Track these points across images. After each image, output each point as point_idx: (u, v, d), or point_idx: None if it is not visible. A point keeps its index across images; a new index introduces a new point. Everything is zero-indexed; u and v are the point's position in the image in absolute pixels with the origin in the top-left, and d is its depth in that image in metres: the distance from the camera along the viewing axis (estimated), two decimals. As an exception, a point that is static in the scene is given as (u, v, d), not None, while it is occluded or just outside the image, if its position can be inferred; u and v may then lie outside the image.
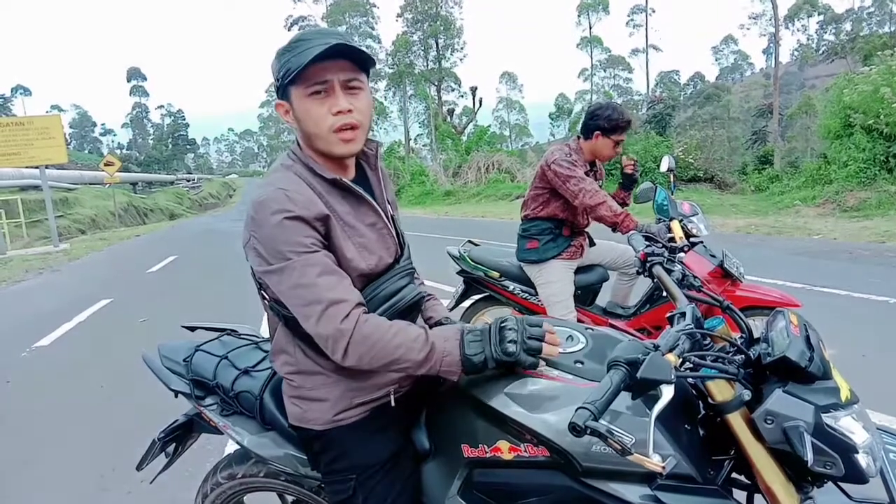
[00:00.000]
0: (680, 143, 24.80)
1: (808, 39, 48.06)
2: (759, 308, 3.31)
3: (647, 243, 2.09)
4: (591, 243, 3.67)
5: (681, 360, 1.21)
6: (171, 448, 1.92)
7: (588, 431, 1.03)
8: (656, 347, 1.19)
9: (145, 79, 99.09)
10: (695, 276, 1.79)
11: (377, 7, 50.20)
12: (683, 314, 1.40)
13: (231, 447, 1.82)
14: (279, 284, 1.33)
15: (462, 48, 45.84)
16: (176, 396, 1.85)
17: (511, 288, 3.70)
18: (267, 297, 1.46)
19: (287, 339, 1.49)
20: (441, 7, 43.79)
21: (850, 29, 36.53)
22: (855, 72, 17.10)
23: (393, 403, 1.51)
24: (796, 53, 56.11)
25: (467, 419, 1.44)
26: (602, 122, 3.30)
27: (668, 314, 1.45)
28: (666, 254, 1.95)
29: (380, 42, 54.08)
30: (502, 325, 1.35)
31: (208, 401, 1.80)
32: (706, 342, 1.38)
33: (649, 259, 1.90)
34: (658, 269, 1.79)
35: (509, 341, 1.31)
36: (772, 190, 17.79)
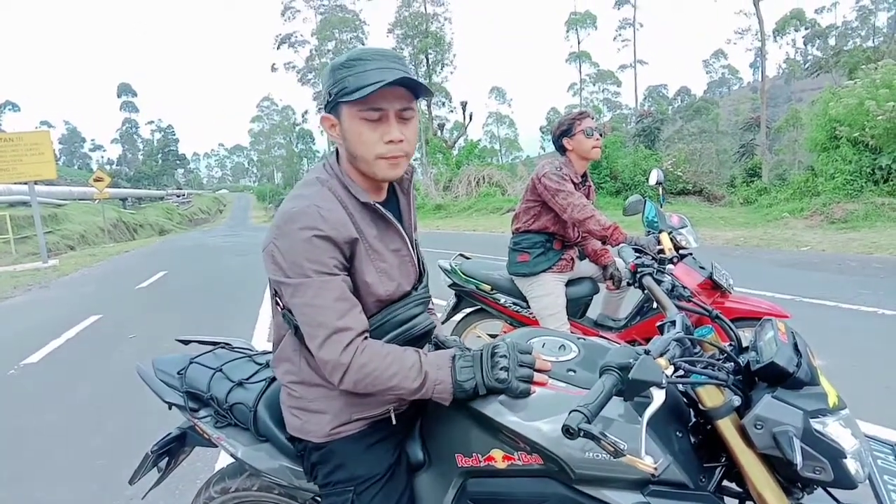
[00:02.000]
0: (669, 156, 25.01)
1: (795, 53, 48.67)
2: (749, 319, 3.33)
3: (637, 255, 2.11)
4: (582, 256, 3.69)
5: (671, 365, 1.22)
6: (163, 462, 1.91)
7: (581, 434, 1.04)
8: (647, 352, 1.21)
9: (135, 94, 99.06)
10: (684, 287, 1.81)
11: (367, 24, 50.50)
12: (673, 323, 1.42)
13: (221, 463, 1.82)
14: (292, 297, 1.35)
15: (452, 63, 46.12)
16: (170, 408, 1.85)
17: (503, 301, 3.71)
18: (281, 304, 1.46)
19: (293, 349, 1.50)
20: (431, 23, 44.06)
21: (834, 43, 36.96)
22: (840, 85, 17.32)
23: (394, 421, 1.53)
24: (783, 67, 56.77)
25: (461, 428, 1.45)
26: (558, 131, 3.43)
27: (659, 323, 1.47)
28: (656, 265, 1.98)
29: (370, 58, 54.23)
30: (494, 350, 1.35)
31: (202, 413, 1.80)
32: (696, 350, 1.40)
33: (639, 270, 1.92)
34: (648, 280, 1.81)
35: (501, 368, 1.31)
36: (760, 202, 17.94)
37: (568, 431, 1.05)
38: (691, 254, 3.45)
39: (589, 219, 3.21)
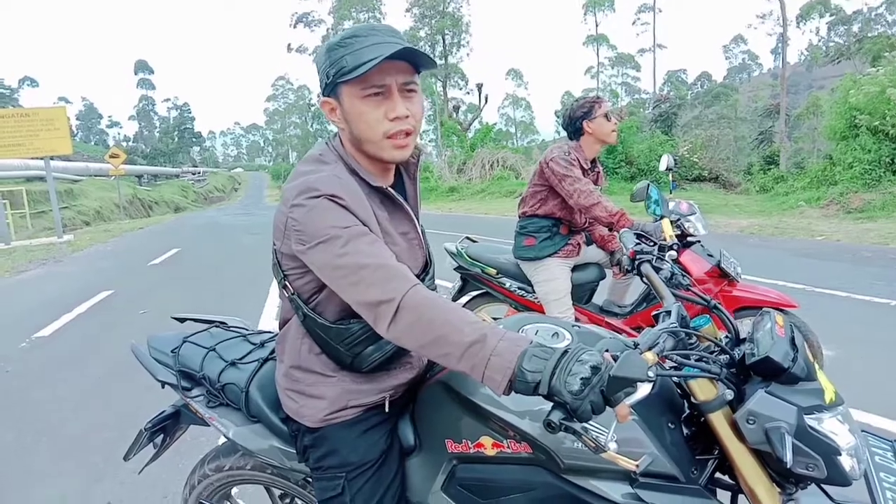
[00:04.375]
0: (685, 142, 24.76)
1: (818, 40, 47.85)
2: (756, 308, 3.29)
3: (638, 241, 2.08)
4: (589, 242, 3.66)
5: (660, 358, 1.20)
6: (158, 439, 1.92)
7: (563, 429, 1.02)
8: (636, 345, 1.19)
9: (152, 72, 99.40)
10: (683, 275, 1.78)
11: (384, 3, 50.09)
12: (669, 313, 1.40)
13: (222, 441, 1.82)
14: (323, 256, 1.25)
15: (469, 44, 45.83)
16: (163, 387, 1.85)
17: (508, 285, 3.70)
18: (290, 289, 1.42)
19: (297, 334, 1.48)
20: (449, 4, 43.68)
21: (858, 30, 36.31)
22: (861, 73, 17.01)
23: (387, 409, 1.51)
24: (805, 54, 55.91)
25: (452, 415, 1.44)
26: (578, 113, 3.35)
27: (654, 313, 1.44)
28: (656, 252, 1.95)
29: (387, 38, 54.00)
30: (582, 356, 1.06)
31: (195, 392, 1.80)
32: (691, 341, 1.37)
33: (638, 257, 1.89)
34: (646, 268, 1.78)
35: (581, 378, 1.02)
36: (776, 190, 17.74)
37: (549, 426, 1.03)
38: (699, 241, 3.42)
39: (595, 205, 3.17)
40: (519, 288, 3.66)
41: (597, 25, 57.80)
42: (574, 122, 3.36)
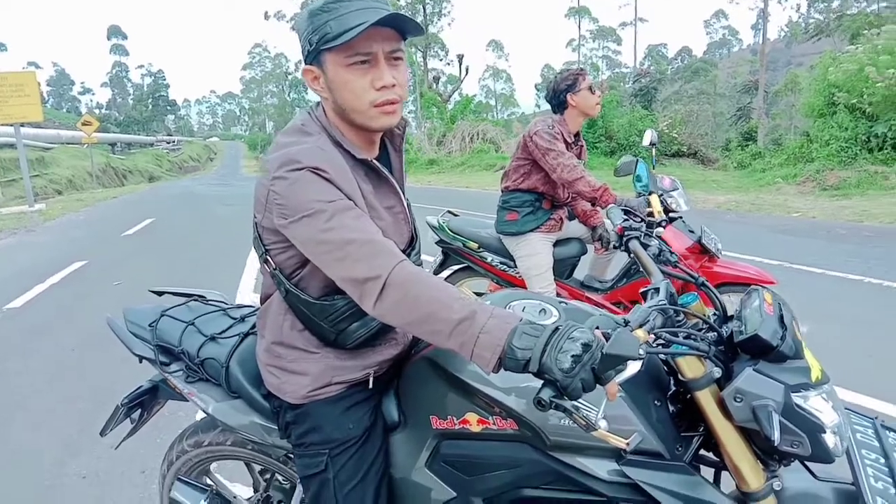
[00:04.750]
0: (665, 117, 24.80)
1: (799, 17, 47.98)
2: (736, 284, 3.32)
3: (625, 217, 2.07)
4: (571, 217, 3.65)
5: (651, 335, 1.18)
6: (136, 414, 1.88)
7: (553, 406, 1.01)
8: (626, 323, 1.17)
9: (126, 37, 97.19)
10: (671, 252, 1.77)
11: (365, -30, 49.34)
12: (657, 290, 1.38)
13: (201, 415, 1.79)
14: (306, 231, 1.21)
15: (450, 14, 45.28)
16: (140, 362, 1.81)
17: (489, 259, 3.69)
18: (272, 263, 1.38)
19: (279, 310, 1.44)
20: (430, -28, 43.08)
21: (837, 6, 36.42)
22: (840, 50, 17.11)
23: (371, 385, 1.49)
24: (785, 30, 56.11)
25: (437, 391, 1.43)
26: (563, 86, 3.32)
27: (642, 290, 1.43)
28: (643, 228, 1.93)
29: (366, 6, 53.26)
30: (573, 333, 1.04)
31: (173, 367, 1.76)
32: (679, 318, 1.36)
33: (626, 233, 1.87)
34: (634, 244, 1.77)
35: (572, 356, 1.01)
36: (754, 167, 17.86)
37: (539, 404, 1.01)
38: (681, 217, 3.42)
39: (578, 180, 3.15)
40: (501, 262, 3.65)
41: (578, -3, 57.40)
42: (558, 95, 3.32)
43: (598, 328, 1.09)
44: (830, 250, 7.43)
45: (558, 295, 3.49)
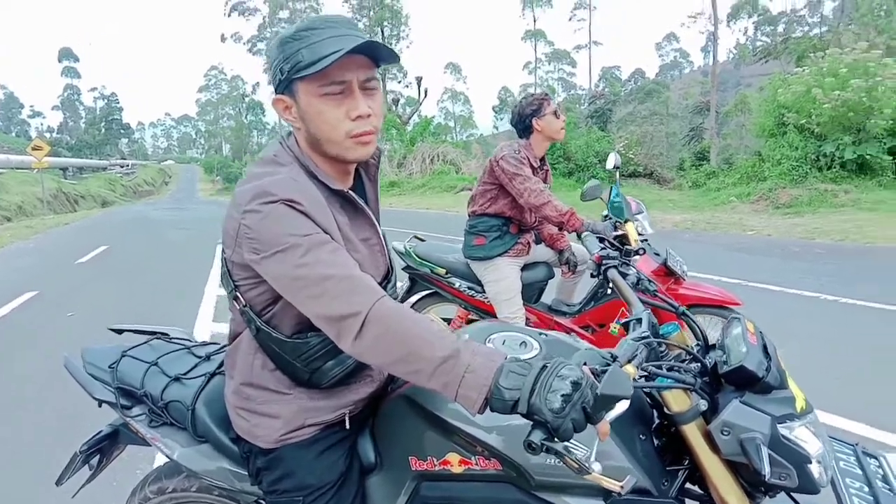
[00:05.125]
0: (621, 138, 25.24)
1: (746, 39, 49.61)
2: (702, 306, 3.34)
3: (602, 245, 2.06)
4: (538, 241, 3.65)
5: (638, 370, 1.16)
6: (94, 460, 1.78)
7: (544, 450, 0.97)
8: (614, 358, 1.15)
9: (77, 60, 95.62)
10: (650, 280, 1.76)
11: (321, -7, 49.50)
12: (639, 321, 1.37)
13: (162, 458, 1.70)
14: (280, 266, 1.15)
15: (408, 37, 45.63)
16: (100, 406, 1.72)
17: (457, 285, 3.65)
18: (242, 300, 1.31)
19: (249, 349, 1.37)
20: (387, -5, 43.41)
21: (783, 30, 37.78)
22: (788, 72, 17.72)
23: (347, 425, 1.43)
24: (733, 52, 57.85)
25: (416, 430, 1.38)
26: (528, 111, 3.32)
27: (624, 320, 1.42)
28: (620, 257, 1.92)
29: (323, 29, 53.35)
30: (561, 371, 1.00)
31: (136, 411, 1.67)
32: (661, 349, 1.34)
33: (604, 262, 1.86)
34: (613, 273, 1.76)
35: (562, 395, 0.96)
36: (708, 186, 18.28)
37: (530, 447, 0.97)
38: (646, 240, 3.44)
39: (545, 204, 3.15)
40: (469, 288, 3.62)
41: (535, 21, 58.56)
42: (524, 120, 3.33)
43: (585, 364, 1.06)
44: (785, 268, 7.60)
45: (527, 320, 3.48)
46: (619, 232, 3.23)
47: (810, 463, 1.13)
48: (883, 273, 7.27)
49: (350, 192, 1.34)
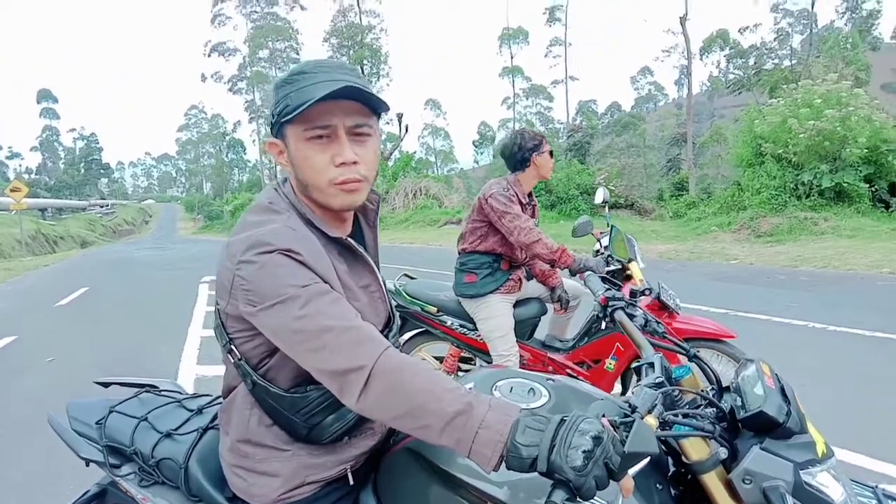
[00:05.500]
0: (601, 170, 25.57)
1: (718, 72, 50.72)
2: (696, 340, 3.31)
3: (606, 286, 2.02)
4: (529, 277, 3.62)
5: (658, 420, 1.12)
6: (81, 521, 1.69)
7: None
8: (633, 408, 1.10)
9: (56, 101, 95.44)
10: (658, 322, 1.72)
11: (301, 33, 50.04)
12: (651, 365, 1.32)
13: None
14: (278, 319, 1.11)
15: (388, 74, 46.06)
16: (87, 465, 1.63)
17: (449, 323, 3.60)
18: (237, 353, 1.26)
19: (245, 404, 1.31)
20: (367, 34, 43.93)
21: (753, 63, 38.66)
22: (762, 103, 18.09)
23: (351, 481, 1.37)
24: (706, 84, 59.11)
25: (421, 485, 1.31)
26: (528, 145, 3.33)
27: (635, 365, 1.37)
28: (627, 298, 1.89)
29: (303, 67, 53.88)
30: (581, 425, 0.95)
31: (125, 469, 1.58)
32: (676, 395, 1.30)
33: (610, 304, 1.82)
34: (620, 315, 1.72)
35: (583, 451, 0.91)
36: (689, 216, 18.49)
37: None
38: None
39: (536, 242, 3.13)
40: (460, 325, 3.57)
41: (512, 58, 59.41)
42: (523, 153, 3.33)
43: (604, 416, 1.01)
44: (771, 296, 7.62)
45: (521, 357, 3.43)
46: (612, 267, 3.21)
47: (834, 510, 1.09)
48: (866, 299, 7.33)
49: (349, 238, 1.30)
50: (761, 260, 10.75)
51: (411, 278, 3.91)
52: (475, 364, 3.69)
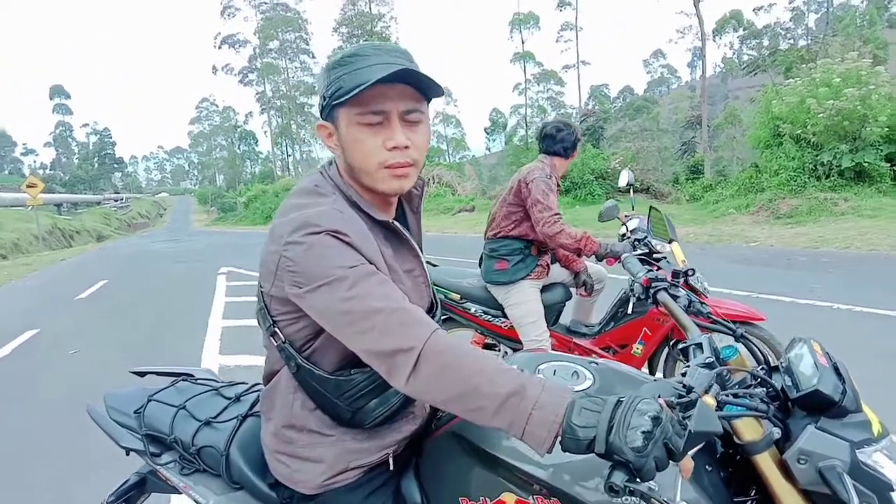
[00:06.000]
0: (615, 155, 25.35)
1: (732, 53, 50.14)
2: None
3: (648, 267, 1.99)
4: (554, 261, 3.59)
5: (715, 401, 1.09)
6: (120, 510, 1.69)
7: (628, 492, 0.90)
8: (689, 389, 1.07)
9: (69, 97, 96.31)
10: (702, 303, 1.69)
11: (310, 23, 49.97)
12: (699, 346, 1.30)
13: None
14: (326, 300, 1.09)
15: (398, 63, 45.92)
16: (128, 454, 1.63)
17: (473, 310, 3.57)
18: (281, 336, 1.24)
19: (288, 388, 1.30)
20: (377, 23, 43.80)
21: (767, 44, 38.21)
22: (778, 84, 17.84)
23: (391, 466, 1.35)
24: (720, 66, 58.48)
25: (465, 469, 1.30)
26: (578, 135, 3.45)
27: (682, 346, 1.34)
28: (669, 278, 1.86)
29: (314, 57, 53.86)
30: (639, 405, 0.92)
31: (165, 458, 1.58)
32: (725, 375, 1.28)
33: (653, 285, 1.79)
34: (664, 296, 1.68)
35: (642, 432, 0.89)
36: (706, 199, 18.28)
37: (612, 490, 0.90)
38: (665, 257, 3.38)
39: (559, 233, 3.13)
40: (484, 312, 3.54)
41: (523, 43, 58.79)
42: (574, 140, 3.39)
43: (660, 396, 0.99)
44: (793, 278, 7.54)
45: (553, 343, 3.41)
46: (638, 252, 3.17)
47: (892, 490, 1.06)
48: (891, 279, 7.23)
49: (394, 222, 1.28)
50: (781, 241, 10.63)
51: (433, 265, 3.89)
52: (499, 351, 3.67)
